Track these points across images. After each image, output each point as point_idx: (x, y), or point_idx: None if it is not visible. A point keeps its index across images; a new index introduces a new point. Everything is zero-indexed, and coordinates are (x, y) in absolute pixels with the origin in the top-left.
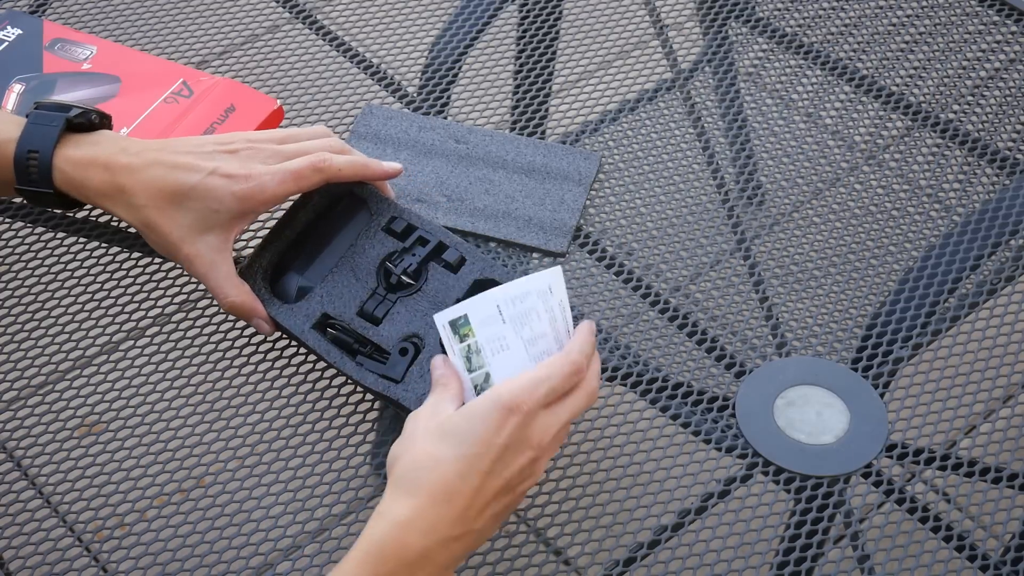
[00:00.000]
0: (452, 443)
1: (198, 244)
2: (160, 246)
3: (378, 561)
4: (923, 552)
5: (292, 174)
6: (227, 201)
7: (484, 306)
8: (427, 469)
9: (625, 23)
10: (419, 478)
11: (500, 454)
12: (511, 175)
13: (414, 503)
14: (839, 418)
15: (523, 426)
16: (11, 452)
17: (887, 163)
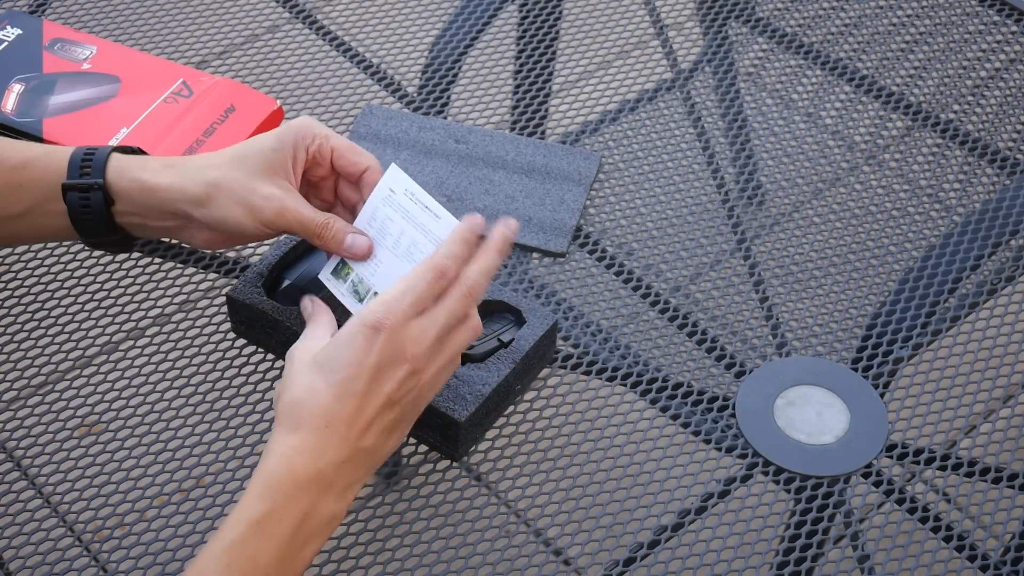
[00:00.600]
0: (325, 372)
1: (273, 185)
2: (233, 203)
3: (273, 490)
4: (923, 552)
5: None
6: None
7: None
8: (305, 401)
9: (625, 23)
10: (299, 411)
11: (374, 373)
12: (511, 175)
13: (297, 435)
14: (839, 418)
15: (391, 341)
16: (11, 452)
17: (887, 163)
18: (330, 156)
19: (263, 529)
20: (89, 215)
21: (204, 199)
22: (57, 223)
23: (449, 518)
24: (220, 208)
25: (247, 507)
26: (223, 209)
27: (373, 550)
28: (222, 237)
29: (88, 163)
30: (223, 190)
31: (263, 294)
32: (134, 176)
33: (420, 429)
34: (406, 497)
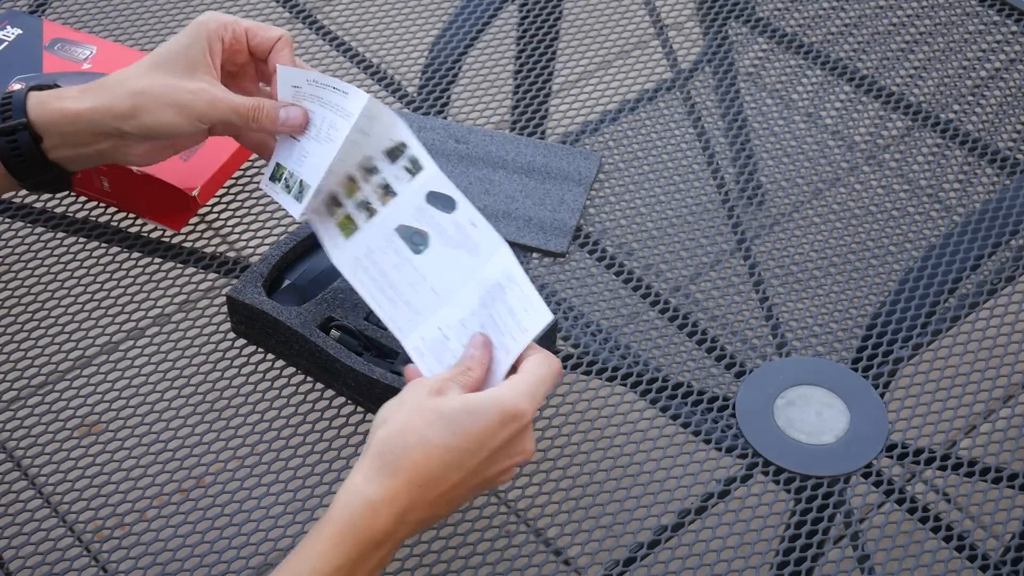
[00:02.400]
0: (447, 432)
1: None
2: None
3: (351, 542)
4: (923, 552)
5: None
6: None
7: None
8: (413, 449)
9: (625, 23)
10: (402, 457)
11: (490, 455)
12: (511, 175)
13: (391, 484)
14: (839, 418)
15: (519, 432)
16: (11, 452)
17: (887, 163)
18: (245, 38)
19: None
20: (20, 156)
21: (133, 110)
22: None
23: (449, 518)
24: (151, 114)
25: (322, 554)
26: (154, 115)
27: None
28: (159, 147)
29: (7, 106)
30: (150, 96)
31: (263, 294)
32: (55, 107)
33: None
34: None
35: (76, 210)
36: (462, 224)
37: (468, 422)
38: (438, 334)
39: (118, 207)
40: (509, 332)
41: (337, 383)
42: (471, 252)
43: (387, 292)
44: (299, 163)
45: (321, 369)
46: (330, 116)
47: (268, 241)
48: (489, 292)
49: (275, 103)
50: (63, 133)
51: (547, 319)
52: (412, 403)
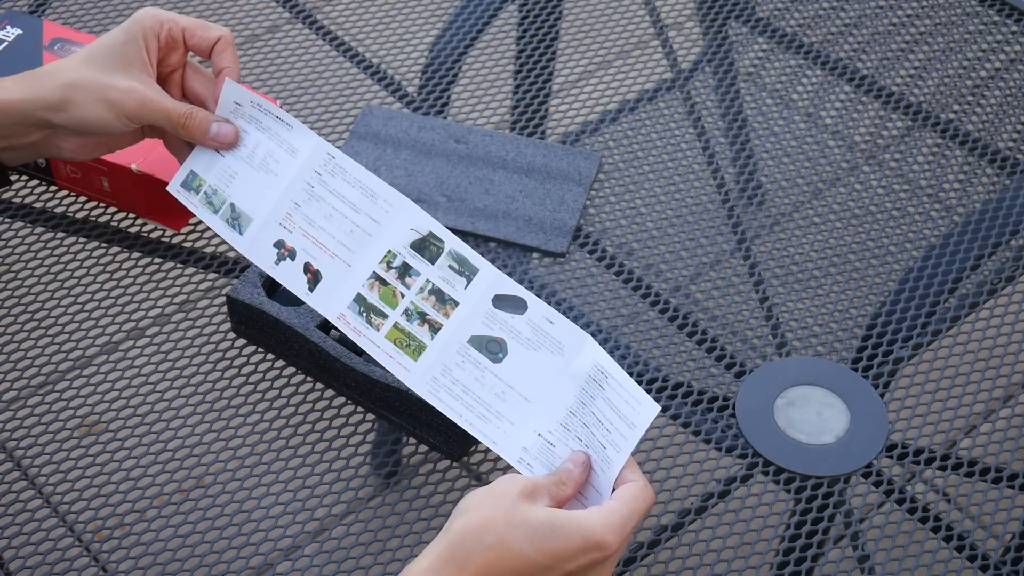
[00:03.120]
0: (526, 541)
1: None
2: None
3: None
4: (923, 552)
5: None
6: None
7: (201, 153)
8: (489, 550)
9: (625, 23)
10: (475, 554)
11: (562, 569)
12: (511, 175)
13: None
14: (839, 418)
15: (599, 563)
16: (11, 452)
17: (887, 163)
18: (182, 37)
19: None
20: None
21: (62, 103)
22: None
23: None
24: (80, 109)
25: None
26: (83, 109)
27: (373, 550)
28: (89, 142)
29: None
30: (80, 90)
31: (263, 294)
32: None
33: (420, 429)
34: (406, 497)
35: (76, 210)
36: (538, 323)
37: (550, 537)
38: (540, 441)
39: (118, 207)
40: (617, 430)
41: (337, 383)
42: (554, 351)
43: (475, 409)
44: (225, 183)
45: (321, 369)
46: (268, 144)
47: None
48: (585, 389)
49: (208, 115)
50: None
51: (654, 411)
52: (499, 501)
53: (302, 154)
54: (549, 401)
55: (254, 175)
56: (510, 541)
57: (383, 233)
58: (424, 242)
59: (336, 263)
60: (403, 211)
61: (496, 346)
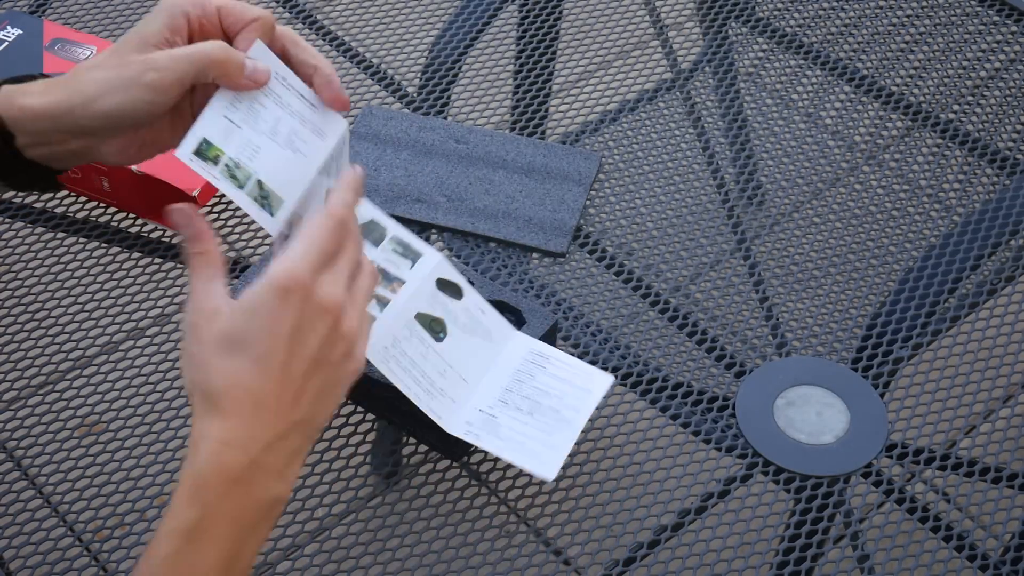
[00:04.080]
0: (242, 350)
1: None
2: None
3: (202, 492)
4: (923, 552)
5: None
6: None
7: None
8: (227, 386)
9: (625, 23)
10: (222, 397)
11: (292, 337)
12: (511, 175)
13: (224, 424)
14: (839, 418)
15: (305, 299)
16: (11, 452)
17: (887, 163)
18: (217, 18)
19: (198, 537)
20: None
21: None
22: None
23: (449, 518)
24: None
25: (177, 516)
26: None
27: (373, 550)
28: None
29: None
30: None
31: None
32: (19, 104)
33: (420, 429)
34: (406, 497)
35: (76, 210)
36: (472, 311)
37: (252, 325)
38: (483, 416)
39: (118, 207)
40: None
41: None
42: (485, 338)
43: (422, 384)
44: (248, 156)
45: None
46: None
47: (268, 241)
48: (521, 370)
49: (237, 53)
50: (32, 131)
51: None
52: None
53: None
54: (485, 382)
55: (280, 152)
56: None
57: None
58: (367, 228)
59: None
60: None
61: (438, 325)
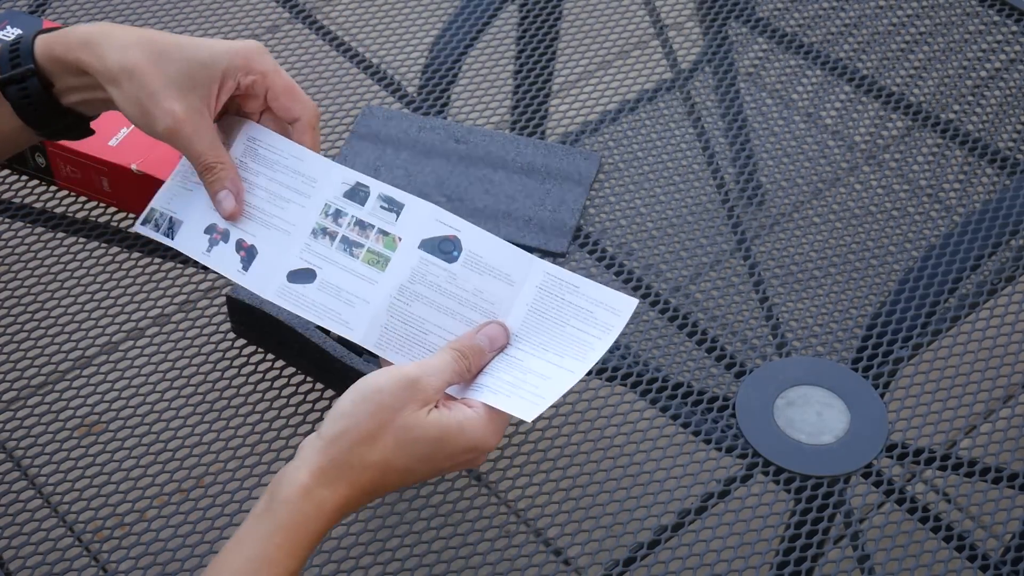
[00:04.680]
0: (409, 455)
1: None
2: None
3: (304, 546)
4: (923, 552)
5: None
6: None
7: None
8: (372, 467)
9: (625, 23)
10: (361, 472)
11: (435, 470)
12: (511, 175)
13: (344, 493)
14: (839, 418)
15: (473, 460)
16: (11, 452)
17: (887, 163)
18: (264, 95)
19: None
20: (31, 103)
21: (114, 80)
22: (10, 124)
23: (449, 518)
24: (124, 97)
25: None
26: (125, 100)
27: (373, 550)
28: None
29: (16, 53)
30: (132, 82)
31: None
32: (59, 53)
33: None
34: (406, 497)
35: (76, 210)
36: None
37: (437, 450)
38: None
39: (118, 207)
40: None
41: (337, 383)
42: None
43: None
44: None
45: (321, 369)
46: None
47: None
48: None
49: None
50: (67, 72)
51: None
52: (390, 413)
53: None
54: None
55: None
56: (396, 460)
57: (317, 193)
58: (354, 191)
59: (272, 232)
60: (333, 171)
61: (449, 245)
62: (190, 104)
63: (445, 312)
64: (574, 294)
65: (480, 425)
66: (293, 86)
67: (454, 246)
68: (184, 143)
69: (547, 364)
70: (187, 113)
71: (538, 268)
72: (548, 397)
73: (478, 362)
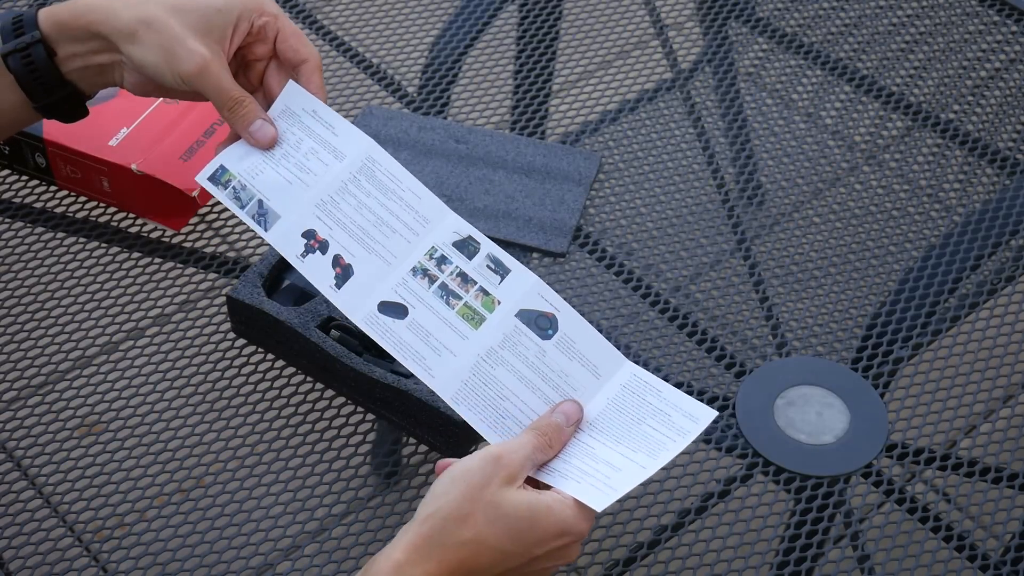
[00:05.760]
0: (504, 536)
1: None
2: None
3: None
4: (923, 552)
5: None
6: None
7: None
8: (465, 545)
9: (625, 23)
10: (452, 549)
11: (535, 560)
12: (511, 175)
13: (433, 571)
14: (839, 418)
15: (567, 547)
16: (11, 452)
17: (887, 163)
18: (274, 37)
19: None
20: (35, 71)
21: (131, 34)
22: (8, 100)
23: None
24: (143, 48)
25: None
26: (145, 50)
27: (373, 550)
28: (149, 84)
29: (19, 24)
30: (152, 31)
31: (263, 294)
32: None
33: (420, 429)
34: (406, 497)
35: (76, 210)
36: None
37: (527, 529)
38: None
39: (118, 207)
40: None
41: (337, 383)
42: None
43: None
44: (254, 176)
45: (321, 369)
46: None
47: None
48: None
49: (257, 109)
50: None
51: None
52: (477, 491)
53: (348, 158)
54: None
55: (288, 173)
56: (487, 537)
57: (428, 233)
58: (464, 242)
59: (373, 258)
60: (448, 217)
61: (545, 322)
62: (210, 47)
63: (527, 385)
64: (656, 397)
65: (570, 508)
66: (300, 31)
67: (551, 324)
68: (213, 80)
69: (620, 456)
70: (212, 53)
71: (627, 369)
72: (618, 489)
73: (558, 438)
